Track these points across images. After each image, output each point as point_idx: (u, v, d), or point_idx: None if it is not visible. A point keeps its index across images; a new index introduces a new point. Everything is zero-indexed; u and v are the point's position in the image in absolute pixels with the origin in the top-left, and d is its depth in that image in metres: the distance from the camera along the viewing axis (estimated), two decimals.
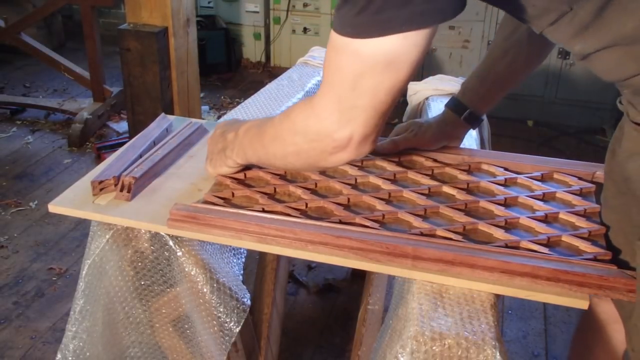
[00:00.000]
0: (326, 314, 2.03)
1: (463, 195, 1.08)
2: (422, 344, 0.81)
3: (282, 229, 0.96)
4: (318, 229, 0.96)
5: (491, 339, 0.81)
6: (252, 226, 0.97)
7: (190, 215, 0.99)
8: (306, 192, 1.07)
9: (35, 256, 2.27)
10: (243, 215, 0.99)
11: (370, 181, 1.12)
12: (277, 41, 4.12)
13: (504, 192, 1.09)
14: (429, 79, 1.73)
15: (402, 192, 1.08)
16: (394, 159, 1.18)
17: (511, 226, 1.01)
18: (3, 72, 3.97)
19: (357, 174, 1.13)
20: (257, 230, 0.97)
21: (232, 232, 0.98)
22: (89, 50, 3.14)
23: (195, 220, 0.99)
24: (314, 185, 1.10)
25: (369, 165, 1.17)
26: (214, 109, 3.61)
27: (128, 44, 2.48)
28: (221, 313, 1.06)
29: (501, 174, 1.16)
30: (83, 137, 3.12)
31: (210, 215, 0.99)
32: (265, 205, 1.03)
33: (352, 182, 1.11)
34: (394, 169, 1.15)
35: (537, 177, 1.14)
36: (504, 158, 1.21)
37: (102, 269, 1.07)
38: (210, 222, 0.98)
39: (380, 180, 1.12)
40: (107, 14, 4.51)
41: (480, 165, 1.18)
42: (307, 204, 1.04)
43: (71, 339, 1.11)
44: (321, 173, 1.13)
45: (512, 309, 2.07)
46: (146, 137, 1.24)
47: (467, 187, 1.11)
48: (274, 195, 1.08)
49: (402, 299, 0.92)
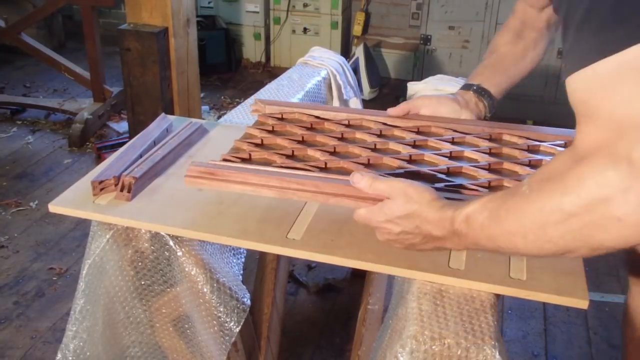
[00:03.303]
0: (326, 314, 2.03)
1: (486, 158, 1.08)
2: (421, 344, 0.81)
3: (304, 182, 0.95)
4: (340, 181, 0.94)
5: (491, 338, 0.81)
6: (273, 180, 0.95)
7: (209, 171, 0.98)
8: (325, 154, 1.06)
9: (35, 256, 2.27)
10: (262, 170, 0.98)
11: (390, 147, 1.11)
12: (277, 41, 4.12)
13: (527, 156, 1.09)
14: (429, 79, 1.73)
15: (423, 155, 1.08)
16: (413, 129, 1.17)
17: None
18: (3, 72, 3.97)
19: (376, 140, 1.13)
20: (278, 184, 0.95)
21: (252, 186, 0.96)
22: (89, 50, 3.14)
23: (214, 176, 0.97)
24: (333, 149, 1.09)
25: (388, 134, 1.17)
26: (214, 109, 3.61)
27: (128, 44, 2.48)
28: (221, 313, 1.06)
29: (524, 141, 1.15)
30: (83, 137, 3.12)
31: (229, 170, 0.97)
32: (283, 164, 1.02)
33: (371, 147, 1.10)
34: (413, 137, 1.14)
35: (560, 145, 1.14)
36: (524, 129, 1.20)
37: (102, 268, 1.07)
38: (229, 177, 0.97)
39: (400, 146, 1.11)
40: (107, 14, 4.51)
41: (502, 135, 1.18)
42: (327, 164, 1.04)
43: (71, 338, 1.11)
44: (340, 139, 1.13)
45: (512, 309, 2.07)
46: (146, 137, 1.24)
47: (489, 151, 1.11)
48: (292, 157, 1.07)
49: (402, 298, 0.92)
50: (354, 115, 1.21)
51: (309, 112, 1.22)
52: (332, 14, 3.96)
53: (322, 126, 1.19)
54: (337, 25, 3.97)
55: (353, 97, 1.84)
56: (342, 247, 0.96)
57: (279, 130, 1.17)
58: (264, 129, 1.16)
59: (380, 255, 0.94)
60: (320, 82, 1.73)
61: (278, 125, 1.17)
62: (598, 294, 2.10)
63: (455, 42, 3.61)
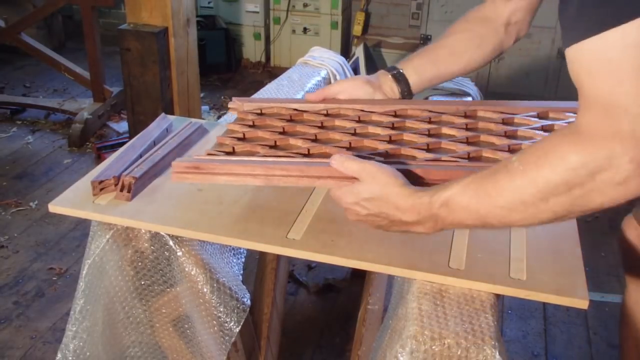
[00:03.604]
0: (326, 314, 2.03)
1: (463, 132, 1.10)
2: (421, 344, 0.81)
3: (288, 167, 0.96)
4: (324, 164, 0.96)
5: (491, 338, 0.81)
6: (258, 169, 0.97)
7: (193, 166, 0.99)
8: (307, 142, 1.08)
9: (35, 256, 2.27)
10: (247, 160, 1.00)
11: (370, 130, 1.13)
12: (277, 41, 4.12)
13: (504, 128, 1.11)
14: None
15: (402, 135, 1.10)
16: (390, 112, 1.19)
17: (515, 151, 1.02)
18: (3, 72, 3.97)
19: (356, 125, 1.14)
20: (263, 172, 0.97)
21: (237, 176, 0.98)
22: (89, 50, 3.14)
23: (199, 170, 0.99)
24: (314, 137, 1.10)
25: (366, 119, 1.18)
26: (214, 109, 3.61)
27: (128, 44, 2.48)
28: (221, 313, 1.06)
29: (498, 115, 1.17)
30: (83, 137, 3.12)
31: (214, 163, 0.99)
32: (267, 154, 1.03)
33: (351, 132, 1.12)
34: (391, 120, 1.16)
35: (533, 115, 1.16)
36: (497, 105, 1.21)
37: (102, 268, 1.07)
38: (214, 169, 0.98)
39: (379, 129, 1.13)
40: (107, 14, 4.51)
41: (476, 112, 1.20)
42: (309, 150, 1.05)
43: (71, 338, 1.11)
44: (320, 127, 1.14)
45: (512, 309, 2.07)
46: (146, 137, 1.24)
47: (465, 127, 1.13)
48: (275, 146, 1.08)
49: (402, 298, 0.92)
50: (331, 105, 1.23)
51: (287, 106, 1.23)
52: (332, 14, 3.96)
53: (301, 117, 1.20)
54: (337, 25, 3.97)
55: None
56: (342, 247, 0.96)
57: (259, 124, 1.18)
58: (244, 124, 1.17)
59: (380, 255, 0.94)
60: (320, 82, 1.73)
61: (258, 119, 1.19)
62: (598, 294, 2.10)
63: None
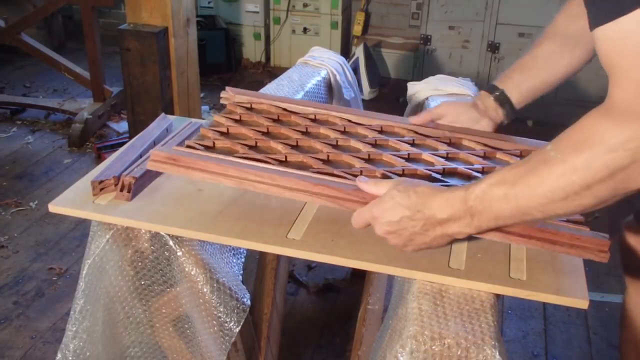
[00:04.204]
0: (326, 314, 2.03)
1: (442, 163, 1.09)
2: (421, 344, 0.81)
3: (261, 174, 0.97)
4: (296, 176, 0.97)
5: (491, 338, 0.81)
6: (232, 170, 0.98)
7: (171, 157, 1.00)
8: (286, 147, 1.09)
9: (35, 256, 2.27)
10: (223, 159, 1.01)
11: (352, 144, 1.14)
12: (277, 41, 4.12)
13: (482, 163, 1.10)
14: (429, 79, 1.72)
15: (381, 155, 1.10)
16: (377, 128, 1.19)
17: None
18: (3, 72, 3.97)
19: (339, 137, 1.15)
20: (237, 174, 0.98)
21: (211, 174, 0.99)
22: (89, 50, 3.14)
23: (176, 162, 1.00)
24: (295, 142, 1.11)
25: (352, 132, 1.19)
26: (214, 109, 3.61)
27: (128, 44, 2.48)
28: (221, 313, 1.06)
29: (481, 148, 1.17)
30: (83, 137, 3.12)
31: (191, 157, 1.00)
32: (245, 154, 1.04)
33: (333, 143, 1.13)
34: (375, 136, 1.17)
35: (516, 154, 1.15)
36: (485, 135, 1.21)
37: (102, 268, 1.07)
38: (191, 164, 1.00)
39: (360, 144, 1.13)
40: (107, 14, 4.51)
41: (461, 140, 1.19)
42: (287, 157, 1.06)
43: (71, 338, 1.11)
44: (304, 133, 1.15)
45: (512, 309, 2.07)
46: (146, 137, 1.24)
47: (446, 156, 1.12)
48: (255, 147, 1.09)
49: (402, 298, 0.92)
50: (320, 110, 1.23)
51: (277, 104, 1.23)
52: (332, 14, 3.96)
53: (288, 119, 1.21)
54: (337, 25, 3.97)
55: (353, 97, 1.84)
56: (342, 247, 0.96)
57: (245, 120, 1.19)
58: (231, 117, 1.18)
59: (380, 256, 0.94)
60: (320, 82, 1.73)
61: (245, 115, 1.19)
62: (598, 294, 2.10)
63: (455, 42, 3.61)
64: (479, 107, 1.20)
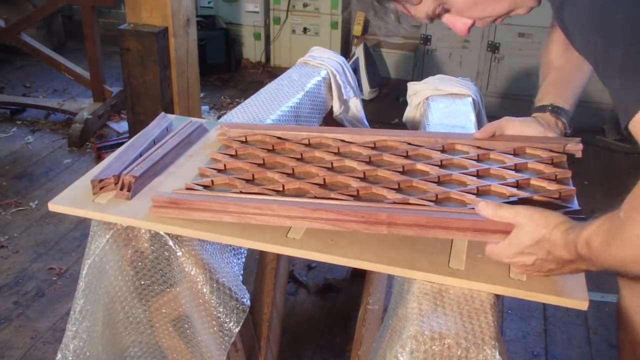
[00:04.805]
0: (326, 314, 2.03)
1: (436, 170, 1.11)
2: (421, 344, 0.81)
3: (261, 206, 0.99)
4: (295, 204, 0.99)
5: (491, 338, 0.81)
6: (231, 206, 1.00)
7: (172, 201, 1.02)
8: (283, 176, 1.11)
9: (35, 256, 2.27)
10: (222, 197, 1.03)
11: (346, 164, 1.15)
12: (277, 41, 4.12)
13: (477, 166, 1.12)
14: (429, 79, 1.72)
15: (376, 171, 1.12)
16: (369, 144, 1.21)
17: (483, 193, 1.04)
18: (3, 72, 3.97)
19: (333, 159, 1.17)
20: (236, 209, 1.00)
21: (212, 213, 1.00)
22: (89, 50, 3.14)
23: (177, 205, 1.01)
24: (291, 170, 1.13)
25: (346, 151, 1.21)
26: (214, 109, 3.61)
27: (128, 44, 2.48)
28: (221, 313, 1.06)
29: (474, 151, 1.18)
30: (83, 137, 3.12)
31: (191, 199, 1.02)
32: (243, 189, 1.06)
33: (328, 166, 1.15)
34: (369, 153, 1.18)
35: (509, 152, 1.16)
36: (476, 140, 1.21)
37: (102, 268, 1.07)
38: (191, 205, 1.01)
39: (355, 163, 1.15)
40: (107, 14, 4.51)
41: (454, 145, 1.20)
42: (284, 186, 1.08)
43: (71, 338, 1.11)
44: (298, 159, 1.17)
45: (512, 309, 2.07)
46: (146, 136, 1.24)
47: (440, 163, 1.14)
48: (252, 180, 1.11)
49: (402, 298, 0.92)
50: (313, 134, 1.26)
51: (271, 133, 1.26)
52: (332, 14, 3.96)
53: (283, 146, 1.23)
54: (337, 25, 3.97)
55: (353, 97, 1.84)
56: (342, 247, 0.96)
57: (241, 154, 1.21)
58: (227, 153, 1.20)
59: (380, 255, 0.94)
60: (320, 82, 1.73)
61: (241, 148, 1.22)
62: (598, 294, 2.10)
63: (455, 42, 3.60)
64: (542, 123, 1.20)
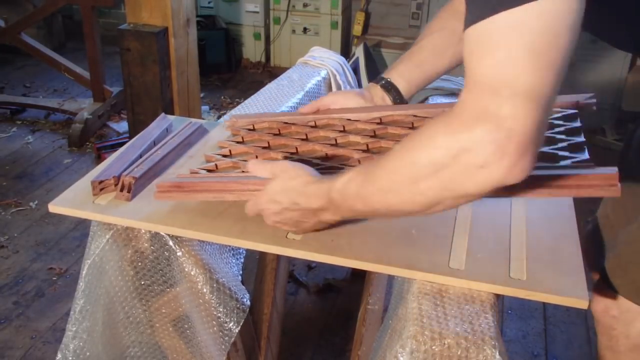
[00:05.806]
0: (326, 314, 2.03)
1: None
2: (421, 344, 0.81)
3: (262, 182, 0.97)
4: None
5: (491, 338, 0.81)
6: (233, 185, 1.00)
7: (176, 185, 1.03)
8: (286, 154, 1.10)
9: (35, 256, 2.27)
10: (223, 176, 1.04)
11: (350, 139, 1.15)
12: (277, 41, 4.12)
13: None
14: None
15: (379, 142, 1.11)
16: (375, 120, 1.20)
17: None
18: (3, 72, 3.97)
19: (338, 135, 1.16)
20: (238, 187, 1.00)
21: (214, 193, 1.01)
22: (89, 50, 3.14)
23: (180, 189, 1.02)
24: (295, 150, 1.13)
25: (351, 128, 1.20)
26: (214, 109, 3.61)
27: (128, 44, 2.48)
28: (221, 313, 1.06)
29: None
30: (83, 137, 3.12)
31: (194, 181, 1.03)
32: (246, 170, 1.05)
33: (332, 143, 1.14)
34: (374, 127, 1.17)
35: None
36: None
37: (102, 269, 1.07)
38: (194, 187, 1.02)
39: (359, 137, 1.14)
40: (107, 14, 4.51)
41: None
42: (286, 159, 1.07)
43: (71, 338, 1.11)
44: (303, 140, 1.16)
45: (512, 309, 2.07)
46: (146, 137, 1.24)
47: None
48: None
49: (402, 298, 0.92)
50: (320, 116, 1.24)
51: (278, 119, 1.26)
52: (332, 14, 3.96)
53: (289, 130, 1.22)
54: (337, 25, 3.97)
55: None
56: (342, 247, 0.96)
57: (248, 140, 1.21)
58: (234, 140, 1.21)
59: (380, 255, 0.94)
60: (320, 82, 1.73)
61: (248, 135, 1.22)
62: None
63: None
64: (366, 96, 1.23)
